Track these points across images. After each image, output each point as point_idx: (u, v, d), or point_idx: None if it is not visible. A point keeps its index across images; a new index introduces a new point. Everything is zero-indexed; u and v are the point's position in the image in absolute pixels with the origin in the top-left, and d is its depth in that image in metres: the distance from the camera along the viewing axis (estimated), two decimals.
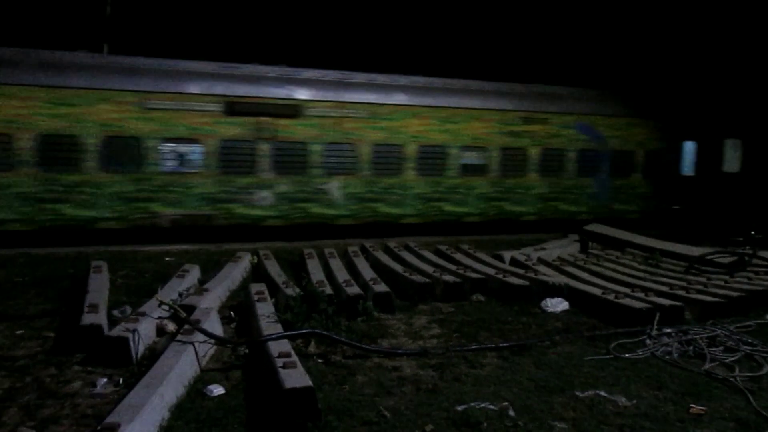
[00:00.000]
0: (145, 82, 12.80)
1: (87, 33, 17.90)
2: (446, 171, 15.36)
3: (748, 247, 11.57)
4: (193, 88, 13.17)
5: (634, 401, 5.15)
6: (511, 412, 4.85)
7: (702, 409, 4.99)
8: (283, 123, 13.70)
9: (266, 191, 13.78)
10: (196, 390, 5.18)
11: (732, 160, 17.70)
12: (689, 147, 18.08)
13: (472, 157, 15.59)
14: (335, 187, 14.36)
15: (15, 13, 19.93)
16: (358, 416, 4.74)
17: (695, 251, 11.16)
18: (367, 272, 9.20)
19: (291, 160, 13.91)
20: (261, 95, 13.60)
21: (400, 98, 14.94)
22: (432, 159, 15.18)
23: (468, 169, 15.55)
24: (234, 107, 13.30)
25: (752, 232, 14.30)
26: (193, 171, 13.16)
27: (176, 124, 12.98)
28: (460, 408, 4.91)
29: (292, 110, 13.79)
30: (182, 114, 13.01)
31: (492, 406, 4.94)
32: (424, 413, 4.84)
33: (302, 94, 13.98)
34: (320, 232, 14.22)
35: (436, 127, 15.16)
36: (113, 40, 16.40)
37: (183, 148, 13.08)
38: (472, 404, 4.98)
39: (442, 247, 11.87)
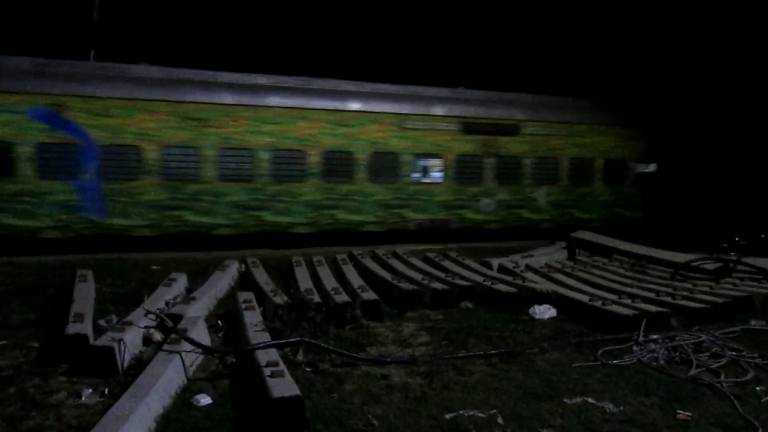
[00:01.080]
0: (404, 107, 15.23)
1: (74, 38, 17.82)
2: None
3: (733, 254, 11.70)
4: (438, 110, 15.57)
5: (622, 407, 5.17)
6: (500, 420, 4.86)
7: (688, 415, 5.02)
8: (503, 140, 16.16)
9: (490, 199, 16.17)
10: (183, 400, 5.13)
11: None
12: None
13: None
14: (541, 195, 16.72)
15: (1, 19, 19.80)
16: (346, 424, 4.73)
17: (681, 258, 11.26)
18: (356, 280, 9.19)
19: (508, 172, 16.31)
20: (489, 116, 16.08)
21: (591, 118, 17.27)
22: (614, 171, 17.50)
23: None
24: (468, 126, 15.72)
25: (737, 239, 14.47)
26: (435, 182, 15.51)
27: (424, 141, 15.34)
28: (448, 416, 4.91)
29: (512, 129, 16.22)
30: (430, 133, 15.41)
31: (480, 414, 4.94)
32: (412, 421, 4.83)
33: (519, 115, 16.41)
34: (528, 233, 16.36)
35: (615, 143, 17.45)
36: (100, 46, 16.33)
37: (428, 162, 15.46)
38: (461, 412, 4.98)
39: (431, 255, 11.89)
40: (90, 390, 5.26)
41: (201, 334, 6.46)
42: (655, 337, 6.97)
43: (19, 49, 13.19)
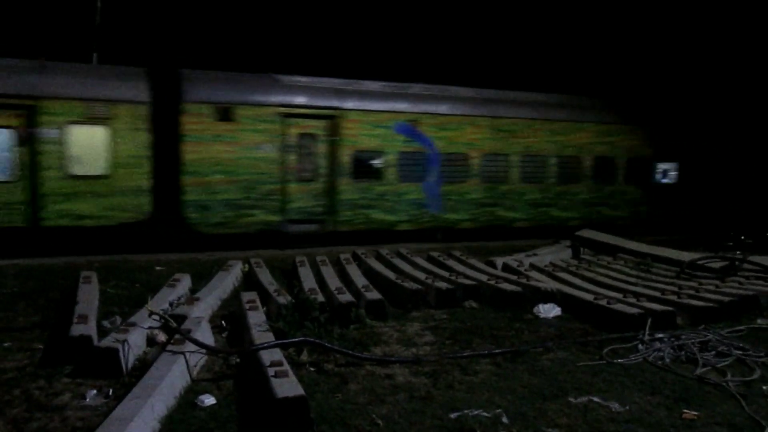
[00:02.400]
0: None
1: (76, 41, 17.87)
2: None
3: (738, 252, 11.65)
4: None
5: (627, 407, 5.15)
6: (505, 419, 4.84)
7: (695, 415, 4.99)
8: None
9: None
10: (187, 401, 5.12)
11: None
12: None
13: None
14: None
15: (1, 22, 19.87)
16: (351, 425, 4.71)
17: (686, 256, 11.22)
18: (360, 280, 9.18)
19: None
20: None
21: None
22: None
23: None
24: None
25: (742, 237, 14.41)
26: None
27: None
28: (453, 415, 4.89)
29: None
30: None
31: (485, 413, 4.93)
32: (417, 421, 4.81)
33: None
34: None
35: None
36: (103, 49, 16.36)
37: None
38: (466, 411, 4.96)
39: (434, 254, 11.88)
40: (94, 391, 5.26)
41: (205, 334, 6.46)
42: (660, 336, 6.95)
43: (17, 51, 13.22)
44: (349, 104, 14.41)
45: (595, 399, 5.28)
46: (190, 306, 7.39)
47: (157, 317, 6.61)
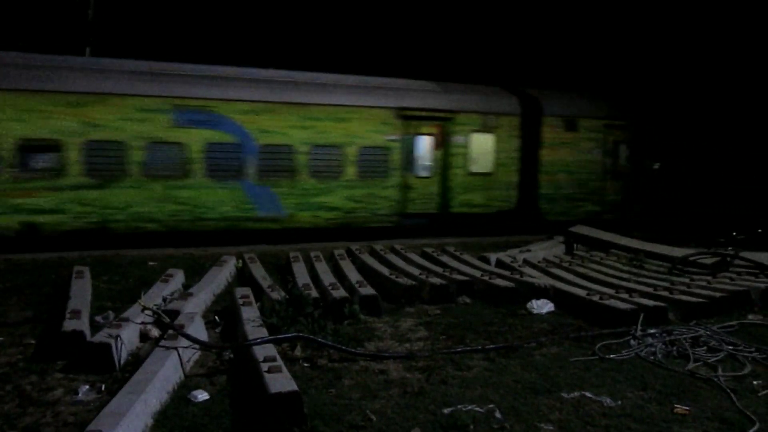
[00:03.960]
0: None
1: (68, 36, 17.74)
2: None
3: (730, 248, 11.72)
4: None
5: (620, 402, 5.18)
6: (498, 414, 4.85)
7: (686, 409, 5.02)
8: None
9: None
10: (180, 396, 5.12)
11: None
12: None
13: None
14: None
15: None
16: (344, 420, 4.72)
17: (678, 252, 11.27)
18: (353, 275, 9.18)
19: None
20: None
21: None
22: None
23: None
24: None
25: (734, 233, 14.49)
26: None
27: None
28: (446, 410, 4.91)
29: None
30: None
31: (479, 408, 4.94)
32: (410, 416, 4.82)
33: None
34: None
35: None
36: (95, 43, 16.26)
37: None
38: (459, 406, 4.97)
39: (428, 250, 11.89)
40: (87, 386, 5.24)
41: (198, 330, 6.44)
42: (652, 331, 6.98)
43: (12, 46, 13.14)
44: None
45: (588, 394, 5.31)
46: (184, 301, 7.38)
47: (150, 312, 6.60)
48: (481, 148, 15.78)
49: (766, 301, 8.59)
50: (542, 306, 8.19)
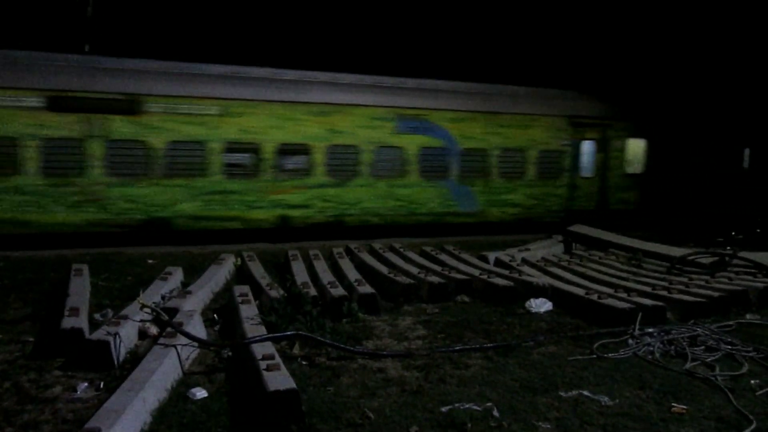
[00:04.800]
0: None
1: (67, 33, 17.73)
2: None
3: (729, 248, 11.73)
4: None
5: (617, 401, 5.19)
6: (496, 413, 4.86)
7: (684, 408, 5.03)
8: None
9: None
10: (178, 393, 5.12)
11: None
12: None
13: None
14: None
15: None
16: (342, 418, 4.73)
17: (677, 252, 11.28)
18: (352, 274, 9.19)
19: None
20: None
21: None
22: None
23: None
24: None
25: (733, 233, 14.51)
26: None
27: None
28: (444, 409, 4.91)
29: None
30: None
31: (477, 407, 4.95)
32: (408, 414, 4.83)
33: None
34: None
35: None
36: (94, 40, 16.25)
37: None
38: (457, 405, 4.98)
39: (427, 248, 11.89)
40: (85, 384, 5.25)
41: (197, 327, 6.45)
42: (650, 330, 6.99)
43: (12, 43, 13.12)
44: None
45: (585, 393, 5.32)
46: (182, 299, 7.38)
47: (148, 310, 6.60)
48: (634, 151, 17.44)
49: (764, 301, 8.61)
50: (541, 305, 8.20)
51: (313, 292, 7.85)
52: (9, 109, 11.56)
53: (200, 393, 5.12)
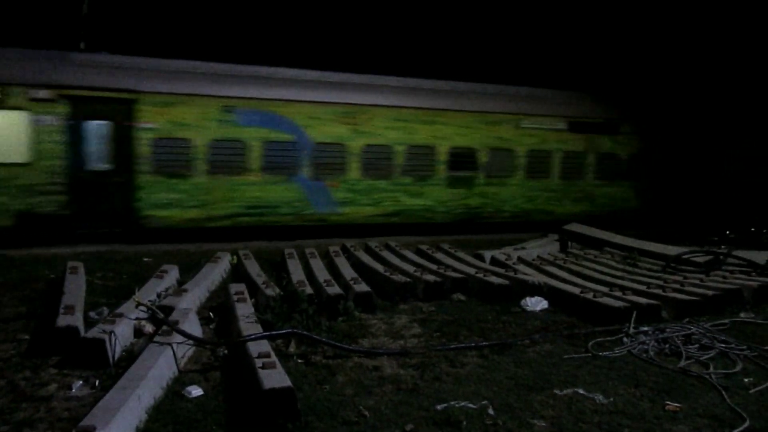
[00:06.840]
0: None
1: (61, 31, 17.67)
2: None
3: (723, 247, 11.77)
4: None
5: (612, 399, 5.21)
6: (491, 411, 4.88)
7: (678, 406, 5.06)
8: None
9: None
10: (174, 391, 5.13)
11: None
12: None
13: None
14: None
15: None
16: (338, 416, 4.74)
17: (672, 251, 11.32)
18: (348, 272, 9.19)
19: None
20: None
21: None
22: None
23: None
24: None
25: (727, 232, 14.57)
26: None
27: None
28: (440, 407, 4.93)
29: None
30: None
31: (472, 405, 4.97)
32: (404, 413, 4.85)
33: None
34: None
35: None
36: (90, 38, 16.18)
37: None
38: (452, 403, 5.00)
39: (423, 247, 11.90)
40: (81, 382, 5.25)
41: (192, 326, 6.45)
42: (645, 329, 7.03)
43: (8, 41, 13.08)
44: None
45: (580, 391, 5.34)
46: (178, 297, 7.36)
47: (144, 308, 6.60)
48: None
49: (758, 300, 8.65)
50: (536, 303, 8.22)
51: (309, 290, 7.85)
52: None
53: (196, 391, 5.12)
